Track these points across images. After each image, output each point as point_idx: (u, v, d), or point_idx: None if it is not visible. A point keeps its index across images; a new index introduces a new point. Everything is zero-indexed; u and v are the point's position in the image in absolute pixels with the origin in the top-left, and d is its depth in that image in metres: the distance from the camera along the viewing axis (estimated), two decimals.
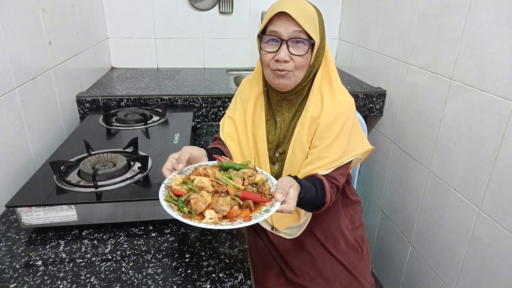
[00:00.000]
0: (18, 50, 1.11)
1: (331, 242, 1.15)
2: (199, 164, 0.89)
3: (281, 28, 0.93)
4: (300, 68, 0.96)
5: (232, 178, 0.80)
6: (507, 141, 1.05)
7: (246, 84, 1.14)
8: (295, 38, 0.93)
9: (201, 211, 0.71)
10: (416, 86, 1.47)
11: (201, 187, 0.76)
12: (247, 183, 0.80)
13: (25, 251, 0.84)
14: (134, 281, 0.75)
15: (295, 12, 0.91)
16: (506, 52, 1.04)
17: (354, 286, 1.15)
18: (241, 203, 0.74)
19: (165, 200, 0.75)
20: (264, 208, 0.74)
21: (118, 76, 1.96)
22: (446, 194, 1.32)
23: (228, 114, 1.17)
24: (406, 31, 1.52)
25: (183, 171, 0.85)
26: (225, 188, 0.76)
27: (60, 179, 0.95)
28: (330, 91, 1.01)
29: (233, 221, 0.71)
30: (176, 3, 2.06)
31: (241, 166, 0.85)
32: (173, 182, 0.80)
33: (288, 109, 1.05)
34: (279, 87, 1.00)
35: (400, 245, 1.66)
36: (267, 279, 1.16)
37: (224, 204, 0.72)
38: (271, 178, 0.85)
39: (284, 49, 0.93)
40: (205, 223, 0.69)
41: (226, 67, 2.23)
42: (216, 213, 0.71)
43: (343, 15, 2.21)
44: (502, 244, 1.08)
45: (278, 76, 0.96)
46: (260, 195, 0.77)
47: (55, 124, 1.36)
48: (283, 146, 1.06)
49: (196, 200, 0.71)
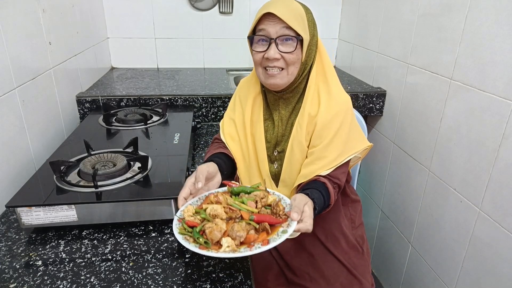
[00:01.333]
0: (18, 50, 1.11)
1: (331, 242, 1.15)
2: (210, 192, 0.87)
3: (269, 27, 0.95)
4: (291, 65, 0.97)
5: (244, 202, 0.78)
6: (507, 141, 1.05)
7: (244, 84, 1.15)
8: (283, 36, 0.94)
9: (217, 239, 0.69)
10: (416, 86, 1.47)
11: (214, 215, 0.74)
12: (261, 206, 0.78)
13: (25, 251, 0.84)
14: (134, 281, 0.75)
15: (281, 11, 0.93)
16: (506, 52, 1.04)
17: (354, 286, 1.15)
18: (257, 226, 0.73)
19: (180, 233, 0.73)
20: (281, 229, 0.73)
21: (118, 76, 1.96)
22: (446, 194, 1.32)
23: (227, 114, 1.17)
24: (406, 31, 1.52)
25: (193, 203, 0.84)
26: (239, 213, 0.75)
27: (60, 179, 0.95)
28: (326, 89, 1.02)
29: (251, 246, 0.69)
30: (176, 3, 2.06)
31: (252, 189, 0.84)
32: (186, 214, 0.78)
33: (285, 108, 1.05)
34: (272, 87, 1.01)
35: (400, 245, 1.66)
36: (267, 279, 1.16)
37: (240, 230, 0.70)
38: (283, 197, 0.84)
39: (273, 47, 0.95)
40: (223, 251, 0.67)
41: (226, 67, 2.23)
42: (233, 240, 0.69)
43: (343, 15, 2.21)
44: (502, 244, 1.08)
45: (270, 76, 0.98)
46: (275, 216, 0.76)
47: (55, 124, 1.36)
48: (282, 145, 1.07)
49: (211, 229, 0.70)
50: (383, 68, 1.74)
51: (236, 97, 1.16)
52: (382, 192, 1.80)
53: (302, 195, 0.84)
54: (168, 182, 0.97)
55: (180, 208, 0.81)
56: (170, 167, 1.05)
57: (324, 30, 2.24)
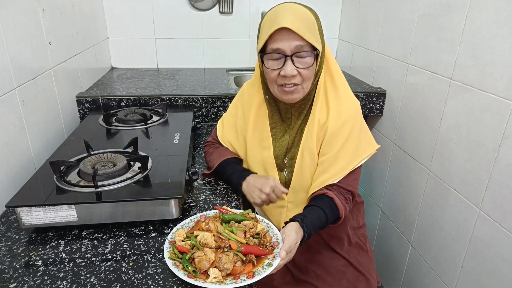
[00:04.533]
0: (18, 50, 1.11)
1: (335, 241, 1.15)
2: (201, 214, 0.92)
3: (283, 44, 0.90)
4: (308, 80, 0.95)
5: (234, 231, 0.82)
6: (507, 141, 1.05)
7: (247, 90, 1.12)
8: (300, 52, 0.90)
9: (205, 269, 0.73)
10: (416, 86, 1.47)
11: (204, 243, 0.78)
12: (249, 236, 0.83)
13: (25, 251, 0.84)
14: (134, 281, 0.75)
15: (295, 24, 0.88)
16: (506, 52, 1.04)
17: (361, 282, 1.14)
18: (244, 258, 0.77)
19: (170, 258, 0.77)
20: (266, 262, 0.78)
21: (118, 76, 1.96)
22: (446, 194, 1.32)
23: (227, 119, 1.16)
24: (406, 31, 1.52)
25: (185, 225, 0.89)
26: (227, 243, 0.79)
27: (60, 179, 0.95)
28: (335, 94, 1.00)
29: (236, 278, 0.73)
30: (176, 3, 2.06)
31: (242, 217, 0.88)
32: (177, 238, 0.82)
33: (297, 116, 1.04)
34: (288, 101, 0.99)
35: (400, 245, 1.66)
36: (273, 277, 1.16)
37: (227, 262, 0.74)
38: (272, 227, 0.88)
39: (290, 64, 0.90)
40: (210, 282, 0.71)
41: (226, 67, 2.23)
42: (220, 272, 0.73)
43: (343, 15, 2.21)
44: (502, 244, 1.08)
45: (287, 92, 0.95)
46: (262, 247, 0.81)
47: (55, 124, 1.36)
48: (292, 152, 1.06)
49: (200, 259, 0.74)
50: (383, 68, 1.74)
51: (238, 102, 1.14)
52: (382, 192, 1.80)
53: (294, 231, 0.84)
54: (168, 182, 0.97)
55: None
56: (170, 167, 1.05)
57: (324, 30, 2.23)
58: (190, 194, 1.08)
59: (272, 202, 1.01)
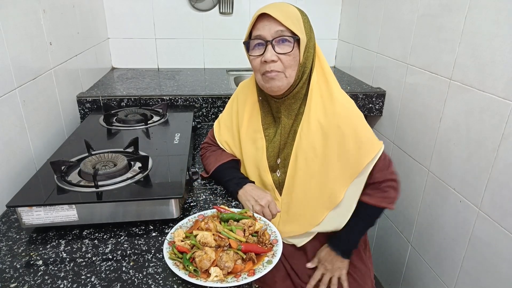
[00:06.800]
0: (18, 51, 1.11)
1: None
2: (199, 214, 0.93)
3: (264, 30, 0.93)
4: (289, 67, 0.94)
5: (233, 230, 0.83)
6: (507, 141, 1.05)
7: (242, 89, 1.13)
8: (279, 37, 0.92)
9: (206, 268, 0.74)
10: (416, 86, 1.47)
11: (204, 242, 0.79)
12: (248, 234, 0.84)
13: (26, 251, 0.84)
14: (135, 281, 0.75)
15: (276, 12, 0.91)
16: (505, 52, 1.04)
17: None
18: (244, 256, 0.78)
19: (170, 258, 0.77)
20: (266, 259, 0.79)
21: (118, 76, 1.96)
22: (445, 194, 1.33)
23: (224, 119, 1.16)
24: (405, 31, 1.52)
25: (183, 225, 0.89)
26: (227, 242, 0.80)
27: (61, 179, 0.96)
28: (329, 96, 0.99)
29: (238, 276, 0.74)
30: (176, 3, 2.07)
31: (240, 216, 0.88)
32: (176, 238, 0.82)
33: (287, 115, 1.02)
34: (272, 90, 0.97)
35: (400, 245, 1.66)
36: (275, 280, 1.17)
37: (228, 261, 0.75)
38: (270, 225, 0.89)
39: (270, 49, 0.92)
40: (211, 281, 0.72)
41: (226, 67, 2.23)
42: (221, 270, 0.74)
43: (343, 15, 2.21)
44: (502, 244, 1.09)
45: (269, 79, 0.95)
46: (261, 245, 0.82)
47: (56, 124, 1.36)
48: (284, 153, 1.05)
49: (201, 258, 0.74)
50: (382, 68, 1.74)
51: (233, 102, 1.15)
52: None
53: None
54: (169, 182, 0.97)
55: (169, 232, 0.86)
56: (171, 167, 1.05)
57: (324, 30, 2.24)
58: (190, 194, 1.08)
59: (265, 216, 0.99)
